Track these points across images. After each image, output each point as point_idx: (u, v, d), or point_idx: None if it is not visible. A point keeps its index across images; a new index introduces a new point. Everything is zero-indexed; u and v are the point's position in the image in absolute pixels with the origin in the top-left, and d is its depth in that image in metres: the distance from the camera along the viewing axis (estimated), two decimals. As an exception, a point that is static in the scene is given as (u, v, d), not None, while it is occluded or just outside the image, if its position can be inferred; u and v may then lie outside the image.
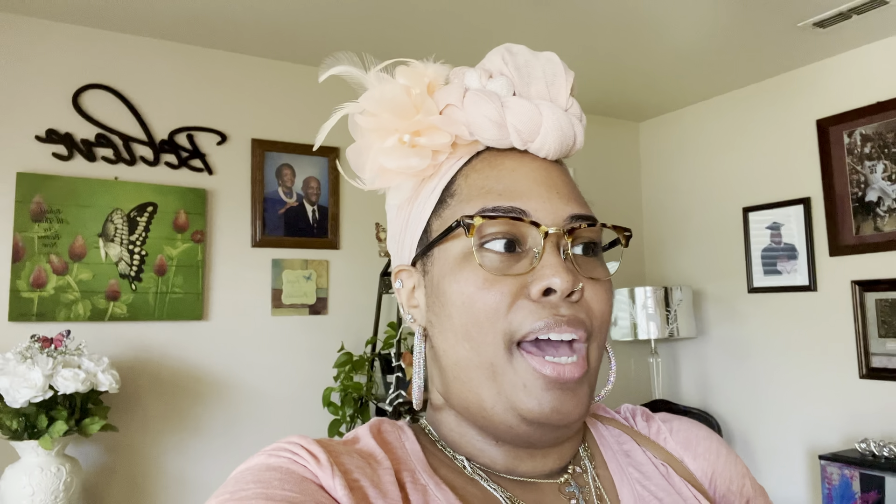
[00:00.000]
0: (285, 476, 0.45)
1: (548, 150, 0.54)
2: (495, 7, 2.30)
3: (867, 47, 2.70)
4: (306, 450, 0.47)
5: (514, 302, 0.49)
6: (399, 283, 0.59)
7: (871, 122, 2.67)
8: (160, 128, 2.47)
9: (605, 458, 0.59)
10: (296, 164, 2.71)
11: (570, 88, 0.57)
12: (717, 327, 3.29)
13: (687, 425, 0.64)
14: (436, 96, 0.55)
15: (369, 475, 0.48)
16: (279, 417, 2.57)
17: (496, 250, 0.51)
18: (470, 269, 0.50)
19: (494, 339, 0.49)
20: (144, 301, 2.37)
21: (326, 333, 2.70)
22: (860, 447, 2.42)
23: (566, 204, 0.52)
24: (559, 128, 0.54)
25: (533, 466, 0.54)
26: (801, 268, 2.91)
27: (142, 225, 2.40)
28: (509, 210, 0.51)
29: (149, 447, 2.33)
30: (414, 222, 0.57)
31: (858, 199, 2.70)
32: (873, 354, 2.62)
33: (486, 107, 0.53)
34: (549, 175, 0.54)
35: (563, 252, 0.50)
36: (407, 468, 0.51)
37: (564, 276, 0.48)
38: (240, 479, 0.45)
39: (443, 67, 0.57)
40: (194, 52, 2.56)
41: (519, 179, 0.53)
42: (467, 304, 0.50)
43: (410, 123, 0.53)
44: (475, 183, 0.54)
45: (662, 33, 2.55)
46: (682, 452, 0.62)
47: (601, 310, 0.52)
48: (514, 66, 0.56)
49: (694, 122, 3.45)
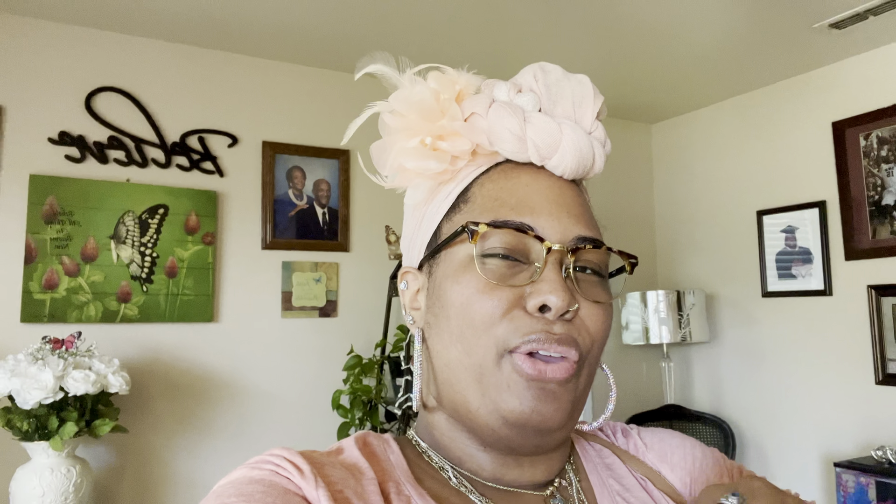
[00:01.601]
0: (268, 489, 0.45)
1: (564, 169, 0.55)
2: (508, 11, 2.29)
3: (884, 49, 2.66)
4: (290, 461, 0.47)
5: (509, 311, 0.50)
6: (404, 284, 0.60)
7: (887, 124, 2.63)
8: (172, 130, 2.48)
9: (587, 472, 0.60)
10: (306, 166, 2.71)
11: (596, 112, 0.57)
12: (730, 332, 3.25)
13: (659, 437, 0.65)
14: (463, 104, 0.56)
15: (353, 487, 0.48)
16: (289, 419, 2.57)
17: (499, 259, 0.52)
18: (471, 274, 0.52)
19: (486, 344, 0.50)
20: (155, 303, 2.37)
21: (336, 336, 2.70)
22: (876, 454, 2.38)
23: (575, 224, 0.53)
24: (578, 148, 0.54)
25: (519, 475, 0.55)
26: (816, 272, 2.87)
27: (153, 227, 2.41)
28: (518, 224, 0.52)
29: (159, 449, 2.34)
30: (426, 224, 0.58)
31: (875, 202, 2.66)
32: (890, 360, 2.58)
33: (509, 119, 0.54)
34: (563, 194, 0.54)
35: (564, 270, 0.51)
36: (391, 479, 0.51)
37: (561, 294, 0.49)
38: (221, 492, 0.45)
39: (475, 77, 0.58)
40: (206, 54, 2.57)
41: (532, 195, 0.53)
42: (464, 307, 0.51)
43: (435, 127, 0.55)
44: (489, 193, 0.54)
45: (676, 35, 2.53)
46: (658, 465, 0.63)
47: (596, 331, 0.52)
48: (543, 84, 0.56)
49: (707, 125, 3.42)
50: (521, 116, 0.54)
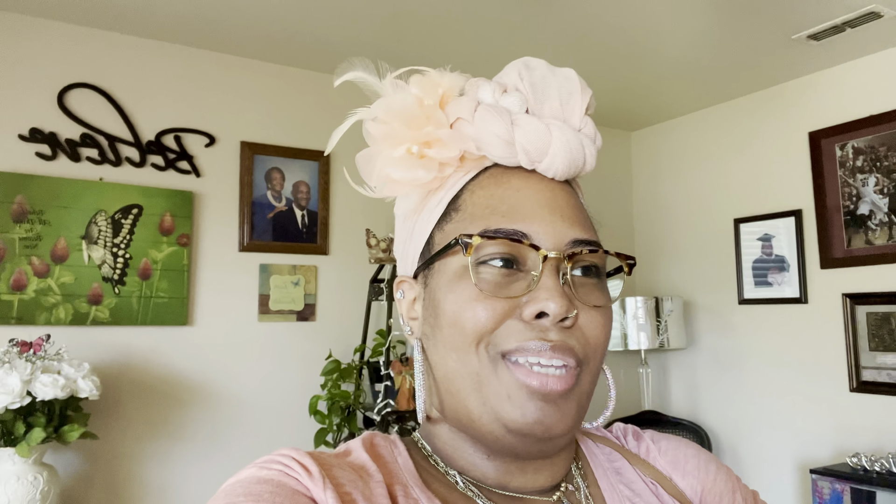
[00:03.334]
0: (276, 489, 0.44)
1: (555, 171, 0.54)
2: (488, 15, 2.28)
3: (860, 60, 2.70)
4: (298, 462, 0.47)
5: (503, 321, 0.49)
6: (401, 293, 0.59)
7: (863, 135, 2.67)
8: (147, 129, 2.42)
9: (596, 476, 0.59)
10: (285, 167, 2.67)
11: (584, 108, 0.56)
12: (707, 338, 3.28)
13: (675, 444, 0.64)
14: (448, 108, 0.54)
15: (361, 489, 0.47)
16: (265, 426, 2.52)
17: (493, 269, 0.50)
18: (465, 285, 0.51)
19: (479, 351, 0.50)
20: (128, 305, 2.31)
21: (314, 341, 2.66)
22: (851, 461, 2.41)
23: (570, 227, 0.52)
24: (568, 149, 0.53)
25: (524, 482, 0.54)
26: (791, 280, 2.91)
27: (126, 227, 2.35)
28: (511, 233, 0.50)
29: (130, 455, 2.27)
30: (418, 234, 0.57)
31: (850, 212, 2.70)
32: (864, 368, 2.62)
33: (496, 124, 0.52)
34: (555, 197, 0.53)
35: (561, 277, 0.50)
36: (399, 482, 0.50)
37: (559, 300, 0.48)
38: (230, 491, 0.45)
39: (459, 77, 0.56)
40: (183, 52, 2.51)
41: (523, 200, 0.52)
42: (457, 317, 0.50)
43: (420, 134, 0.53)
44: (480, 201, 0.53)
45: (656, 43, 2.54)
46: (670, 471, 0.62)
47: (596, 336, 0.51)
48: (529, 83, 0.55)
49: (686, 133, 3.45)
50: (507, 119, 0.52)
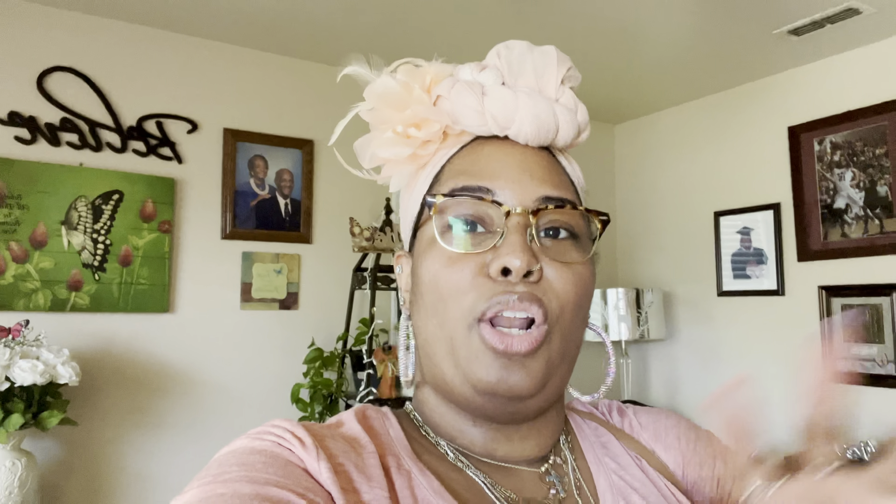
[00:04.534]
0: (269, 459, 0.45)
1: (525, 137, 0.55)
2: (479, 8, 2.28)
3: (840, 56, 2.74)
4: (291, 433, 0.47)
5: (474, 279, 0.50)
6: (399, 268, 0.62)
7: (841, 130, 2.71)
8: (128, 114, 2.40)
9: (583, 450, 0.61)
10: (269, 155, 2.66)
11: (560, 78, 0.58)
12: (686, 330, 3.32)
13: (655, 416, 0.66)
14: (433, 90, 0.57)
15: (354, 460, 0.48)
16: (246, 414, 2.52)
17: (461, 230, 0.52)
18: (437, 249, 0.53)
19: (456, 315, 0.51)
20: (108, 292, 2.29)
21: (297, 329, 2.66)
22: (824, 449, 2.46)
23: (538, 186, 0.53)
24: (535, 115, 0.54)
25: (510, 450, 0.55)
26: (769, 272, 2.95)
27: (107, 213, 2.32)
28: (475, 189, 0.52)
29: (109, 443, 2.26)
30: (409, 209, 0.59)
31: (827, 205, 2.75)
32: (838, 358, 2.67)
33: (468, 96, 0.55)
34: (525, 159, 0.55)
35: (528, 234, 0.51)
36: (391, 453, 0.51)
37: (520, 254, 0.49)
38: (223, 461, 0.45)
39: (447, 66, 0.59)
40: (166, 37, 2.49)
41: (492, 162, 0.54)
42: (433, 282, 0.52)
43: (405, 115, 0.56)
44: (455, 168, 0.56)
45: (639, 37, 2.56)
46: (653, 444, 0.64)
47: (566, 291, 0.51)
48: (506, 60, 0.57)
49: (669, 126, 3.48)
50: (479, 91, 0.55)
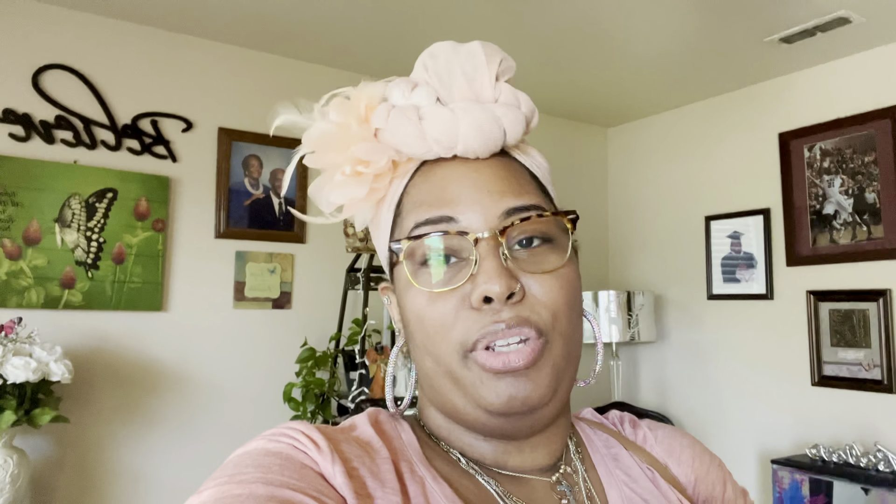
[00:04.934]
0: (285, 462, 0.45)
1: (474, 151, 0.53)
2: (471, 11, 2.29)
3: (830, 64, 2.78)
4: (307, 436, 0.47)
5: (458, 313, 0.50)
6: (387, 299, 0.61)
7: (830, 137, 2.75)
8: (123, 112, 2.40)
9: (593, 461, 0.60)
10: (263, 155, 2.67)
11: (493, 77, 0.54)
12: (676, 332, 3.35)
13: (671, 433, 0.66)
14: (371, 120, 0.54)
15: (368, 464, 0.48)
16: (238, 412, 2.52)
17: (436, 265, 0.51)
18: (415, 290, 0.52)
19: (448, 350, 0.50)
20: (101, 290, 2.30)
21: (289, 328, 2.66)
22: (810, 452, 2.49)
23: (498, 201, 0.51)
24: (478, 128, 0.52)
25: (522, 461, 0.55)
26: (758, 276, 2.98)
27: (101, 211, 2.33)
28: (438, 221, 0.51)
29: (101, 440, 2.26)
30: (380, 247, 0.58)
31: (816, 211, 2.78)
32: (825, 363, 2.70)
33: (405, 124, 0.53)
34: (479, 175, 0.53)
35: (502, 254, 0.50)
36: (404, 459, 0.51)
37: (497, 280, 0.48)
38: (238, 462, 0.45)
39: (377, 85, 0.55)
40: (162, 36, 2.49)
41: (448, 187, 0.52)
42: (418, 321, 0.52)
43: (349, 156, 0.53)
44: (413, 198, 0.54)
45: (633, 41, 2.59)
46: (666, 458, 0.63)
47: (553, 300, 0.50)
48: (434, 72, 0.55)
49: (661, 130, 3.51)
50: (415, 116, 0.53)
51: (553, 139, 3.57)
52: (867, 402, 2.57)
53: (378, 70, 2.87)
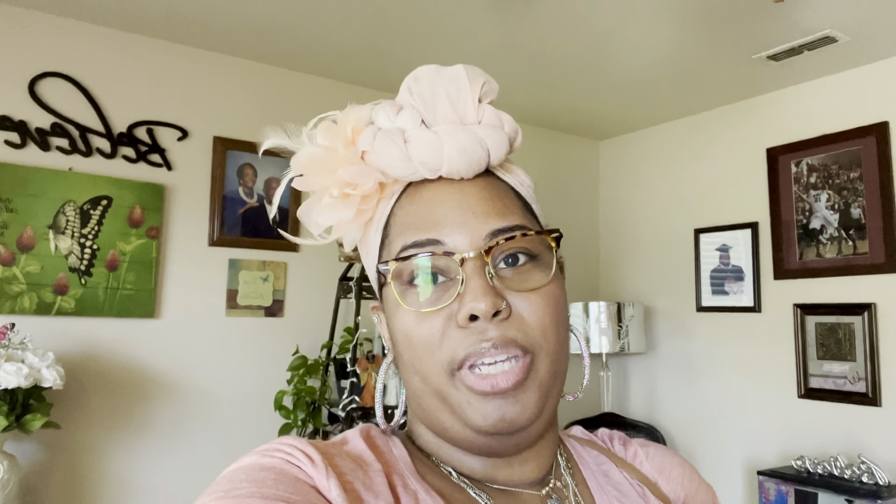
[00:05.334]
0: (279, 476, 0.45)
1: (458, 172, 0.54)
2: (460, 22, 2.33)
3: (816, 82, 2.83)
4: (300, 450, 0.48)
5: (445, 332, 0.50)
6: (377, 318, 0.61)
7: (817, 153, 2.79)
8: (119, 120, 2.42)
9: (584, 477, 0.61)
10: (258, 164, 2.69)
11: (476, 98, 0.55)
12: (666, 343, 3.38)
13: (662, 452, 0.67)
14: (357, 143, 0.55)
15: (361, 478, 0.48)
16: (229, 419, 2.53)
17: (423, 285, 0.52)
18: (403, 310, 0.52)
19: (436, 370, 0.51)
20: (94, 296, 2.31)
21: (281, 336, 2.68)
22: (796, 464, 2.52)
23: (483, 222, 0.52)
24: (461, 150, 0.53)
25: (510, 474, 0.55)
26: (746, 289, 3.02)
27: (95, 218, 2.34)
28: (424, 244, 0.52)
29: (92, 446, 2.27)
30: (369, 265, 0.59)
31: (803, 226, 2.83)
32: (811, 375, 2.74)
33: (390, 147, 0.54)
34: (464, 196, 0.53)
35: (488, 273, 0.50)
36: (397, 472, 0.51)
37: (482, 298, 0.48)
38: (233, 478, 0.45)
39: (364, 109, 0.56)
40: (158, 45, 2.52)
41: (433, 209, 0.53)
42: (407, 340, 0.52)
43: (336, 178, 0.54)
44: (400, 220, 0.55)
45: (624, 57, 2.63)
46: (656, 476, 0.64)
47: (539, 319, 0.51)
48: (418, 95, 0.56)
49: (652, 144, 3.55)
50: (400, 140, 0.54)
51: (546, 151, 3.61)
52: (852, 414, 2.60)
53: (372, 82, 2.90)
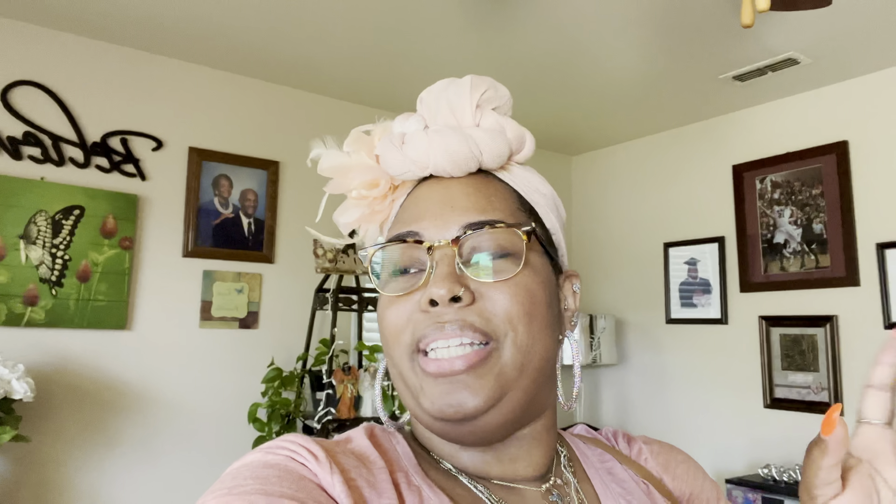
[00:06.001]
0: (283, 474, 0.45)
1: (446, 171, 0.57)
2: (437, 40, 2.37)
3: (780, 102, 2.94)
4: (305, 448, 0.48)
5: (409, 317, 0.52)
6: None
7: (780, 170, 2.90)
8: (93, 130, 2.40)
9: (588, 475, 0.61)
10: (234, 175, 2.68)
11: (475, 104, 0.58)
12: (637, 355, 3.44)
13: (667, 448, 0.68)
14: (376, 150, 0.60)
15: (365, 475, 0.49)
16: (202, 432, 2.50)
17: (398, 275, 0.55)
18: (381, 297, 0.56)
19: (399, 353, 0.53)
20: (65, 307, 2.27)
21: (256, 348, 2.66)
22: (763, 472, 2.58)
23: (460, 215, 0.54)
24: (445, 149, 0.55)
25: (503, 470, 0.56)
26: (714, 302, 3.10)
27: (67, 228, 2.31)
28: (405, 235, 0.55)
29: (62, 460, 2.22)
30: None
31: (767, 240, 2.92)
32: (777, 385, 2.82)
33: (390, 148, 0.58)
34: (448, 192, 0.56)
35: (457, 264, 0.52)
36: (401, 470, 0.52)
37: (443, 283, 0.50)
38: (237, 475, 0.45)
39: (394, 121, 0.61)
40: (134, 55, 2.51)
41: (419, 203, 0.56)
42: (381, 326, 0.55)
43: (353, 181, 0.59)
44: (397, 216, 0.59)
45: (596, 76, 2.70)
46: (661, 473, 0.65)
47: (505, 308, 0.51)
48: (426, 104, 0.59)
49: (622, 160, 3.64)
50: (399, 141, 0.57)
51: (519, 166, 3.66)
52: (816, 423, 2.68)
53: (347, 94, 2.92)
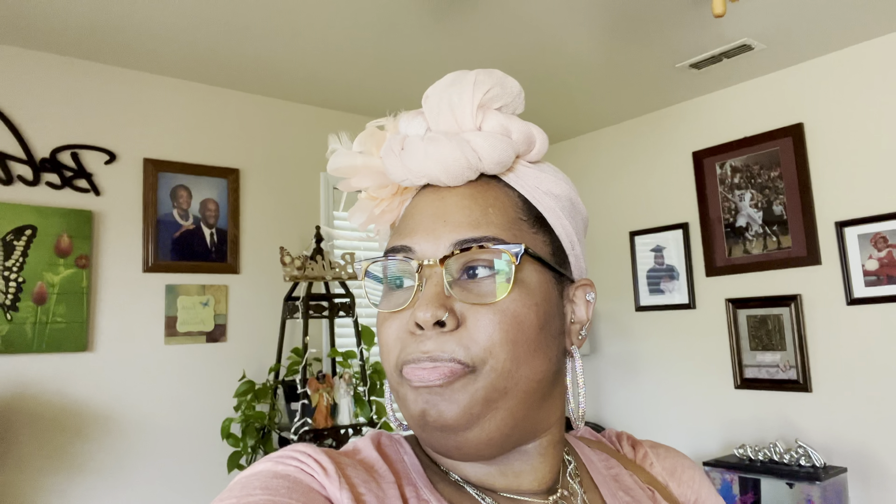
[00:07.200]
0: (293, 485, 0.45)
1: (441, 181, 0.54)
2: (401, 29, 2.34)
3: (736, 87, 2.99)
4: (314, 459, 0.48)
5: (398, 335, 0.52)
6: None
7: (739, 154, 2.94)
8: (41, 145, 2.30)
9: (595, 482, 0.60)
10: (192, 185, 2.61)
11: (475, 105, 0.55)
12: (608, 344, 3.47)
13: (673, 454, 0.67)
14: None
15: (374, 490, 0.48)
16: (174, 453, 2.43)
17: (393, 289, 0.54)
18: (378, 312, 0.55)
19: (390, 368, 0.53)
20: (21, 332, 2.18)
21: (225, 362, 2.60)
22: (738, 452, 2.63)
23: (451, 231, 0.52)
24: (438, 160, 0.53)
25: (507, 483, 0.55)
26: (681, 287, 3.14)
27: (19, 249, 2.21)
28: (399, 249, 0.53)
29: (24, 491, 2.13)
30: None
31: (730, 224, 2.97)
32: (746, 366, 2.87)
33: (389, 154, 0.56)
34: (442, 204, 0.54)
35: (446, 283, 0.50)
36: (409, 482, 0.52)
37: (424, 307, 0.48)
38: (246, 484, 0.45)
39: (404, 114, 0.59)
40: (80, 65, 2.41)
41: (414, 216, 0.54)
42: (378, 338, 0.55)
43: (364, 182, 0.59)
44: (398, 225, 0.58)
45: (556, 68, 2.70)
46: (667, 478, 0.64)
47: (487, 336, 0.49)
48: (430, 103, 0.56)
49: (586, 151, 3.66)
50: (399, 146, 0.55)
51: (482, 161, 3.65)
52: (786, 401, 2.74)
53: (303, 96, 2.86)
